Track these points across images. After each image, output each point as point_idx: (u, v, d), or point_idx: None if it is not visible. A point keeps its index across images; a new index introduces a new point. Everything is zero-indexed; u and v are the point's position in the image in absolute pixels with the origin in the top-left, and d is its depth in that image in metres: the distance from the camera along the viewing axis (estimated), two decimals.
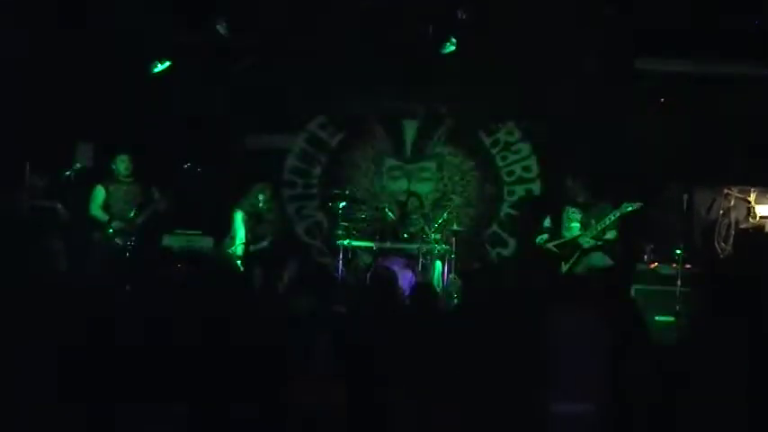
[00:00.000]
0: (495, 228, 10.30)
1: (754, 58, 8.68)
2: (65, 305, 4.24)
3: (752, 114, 9.01)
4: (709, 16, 8.06)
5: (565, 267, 8.05)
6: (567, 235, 8.12)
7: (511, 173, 10.30)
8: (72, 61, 8.59)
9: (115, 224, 8.03)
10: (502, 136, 10.32)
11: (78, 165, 8.24)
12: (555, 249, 8.14)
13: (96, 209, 8.16)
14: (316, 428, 4.12)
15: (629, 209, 7.75)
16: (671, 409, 3.85)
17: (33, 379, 3.80)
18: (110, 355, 3.93)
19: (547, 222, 8.34)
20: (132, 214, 8.08)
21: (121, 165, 8.21)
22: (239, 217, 8.38)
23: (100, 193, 8.19)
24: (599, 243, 7.94)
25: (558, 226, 8.22)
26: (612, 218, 7.81)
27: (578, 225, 8.10)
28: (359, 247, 9.02)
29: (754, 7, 7.98)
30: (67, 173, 8.07)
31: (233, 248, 8.29)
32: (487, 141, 10.32)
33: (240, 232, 8.34)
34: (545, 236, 8.25)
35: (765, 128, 8.89)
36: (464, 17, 8.44)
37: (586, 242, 7.97)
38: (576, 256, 8.04)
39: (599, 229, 7.90)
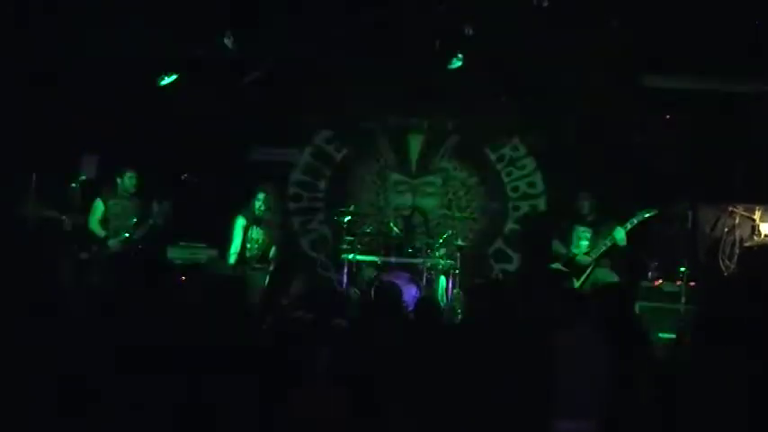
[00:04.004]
0: (499, 243, 10.29)
1: (760, 76, 8.70)
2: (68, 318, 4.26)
3: (757, 132, 9.02)
4: (713, 33, 8.07)
5: (577, 284, 8.06)
6: (576, 252, 8.17)
7: (515, 188, 10.31)
8: (78, 74, 8.64)
9: (112, 241, 7.89)
10: (507, 151, 10.33)
11: (83, 176, 8.22)
12: (564, 269, 8.18)
13: (95, 223, 7.99)
14: None
15: (646, 215, 7.91)
16: (671, 425, 3.84)
17: (35, 391, 3.81)
18: (107, 367, 3.94)
19: (559, 248, 8.34)
20: (130, 229, 7.93)
21: (129, 181, 8.05)
22: (239, 225, 8.34)
23: (98, 207, 8.02)
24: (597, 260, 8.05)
25: (568, 246, 8.25)
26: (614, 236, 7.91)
27: (587, 243, 8.15)
28: (363, 262, 9.03)
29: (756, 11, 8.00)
30: (73, 184, 8.05)
31: (228, 257, 8.28)
32: (492, 157, 10.34)
33: (237, 240, 8.31)
34: (558, 265, 8.31)
35: None
36: (471, 33, 8.47)
37: (586, 260, 8.06)
38: (586, 274, 8.07)
39: (604, 247, 7.99)
